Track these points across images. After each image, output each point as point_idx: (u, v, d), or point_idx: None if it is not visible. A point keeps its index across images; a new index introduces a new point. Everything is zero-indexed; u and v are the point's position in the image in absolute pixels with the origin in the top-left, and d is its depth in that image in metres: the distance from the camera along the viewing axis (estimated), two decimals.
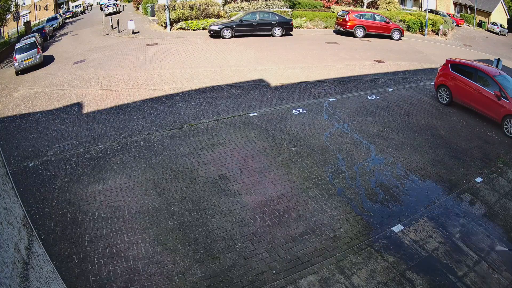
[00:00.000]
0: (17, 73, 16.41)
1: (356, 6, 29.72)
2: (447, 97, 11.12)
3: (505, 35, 37.66)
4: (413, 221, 6.00)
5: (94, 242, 5.43)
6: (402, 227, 5.83)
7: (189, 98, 11.43)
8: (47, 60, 17.91)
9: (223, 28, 19.80)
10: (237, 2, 25.89)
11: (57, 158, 8.10)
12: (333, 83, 12.98)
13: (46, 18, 31.78)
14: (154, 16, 27.81)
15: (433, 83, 12.19)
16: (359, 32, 21.86)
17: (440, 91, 11.41)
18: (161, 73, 13.95)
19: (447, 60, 11.53)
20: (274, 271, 4.94)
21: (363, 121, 9.67)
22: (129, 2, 44.31)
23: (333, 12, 26.67)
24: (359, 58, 16.59)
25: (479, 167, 7.79)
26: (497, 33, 37.82)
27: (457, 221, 6.07)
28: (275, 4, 25.74)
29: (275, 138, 8.55)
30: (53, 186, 6.94)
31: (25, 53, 16.57)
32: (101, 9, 37.07)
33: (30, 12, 36.72)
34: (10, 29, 29.42)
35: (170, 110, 10.56)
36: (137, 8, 36.67)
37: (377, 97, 11.53)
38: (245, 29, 20.13)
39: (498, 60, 13.33)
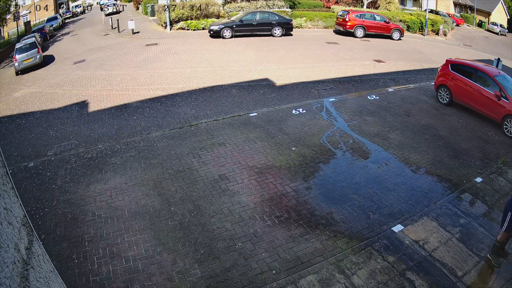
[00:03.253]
0: (17, 73, 16.42)
1: (356, 6, 29.72)
2: (447, 97, 11.11)
3: (505, 35, 37.70)
4: (413, 221, 6.00)
5: (94, 242, 5.43)
6: (402, 227, 5.83)
7: (189, 98, 11.43)
8: (47, 60, 17.92)
9: (223, 28, 19.80)
10: (237, 2, 25.89)
11: (57, 158, 8.10)
12: (333, 83, 12.98)
13: (46, 18, 31.78)
14: (154, 16, 27.82)
15: (433, 83, 12.18)
16: (359, 32, 21.87)
17: (440, 91, 11.40)
18: (161, 73, 13.95)
19: (447, 60, 11.52)
20: (274, 271, 4.94)
21: (363, 121, 9.67)
22: (129, 2, 44.31)
23: (333, 12, 26.67)
24: (359, 58, 16.59)
25: (479, 167, 7.79)
26: (497, 33, 37.85)
27: (457, 221, 6.07)
28: (275, 4, 25.74)
29: (275, 138, 8.55)
30: (53, 186, 6.94)
31: (25, 53, 16.58)
32: (101, 9, 37.09)
33: (30, 12, 36.73)
34: (10, 29, 29.44)
35: (170, 110, 10.56)
36: (137, 8, 36.69)
37: (377, 97, 11.53)
38: (245, 29, 20.14)
39: (498, 60, 13.31)
